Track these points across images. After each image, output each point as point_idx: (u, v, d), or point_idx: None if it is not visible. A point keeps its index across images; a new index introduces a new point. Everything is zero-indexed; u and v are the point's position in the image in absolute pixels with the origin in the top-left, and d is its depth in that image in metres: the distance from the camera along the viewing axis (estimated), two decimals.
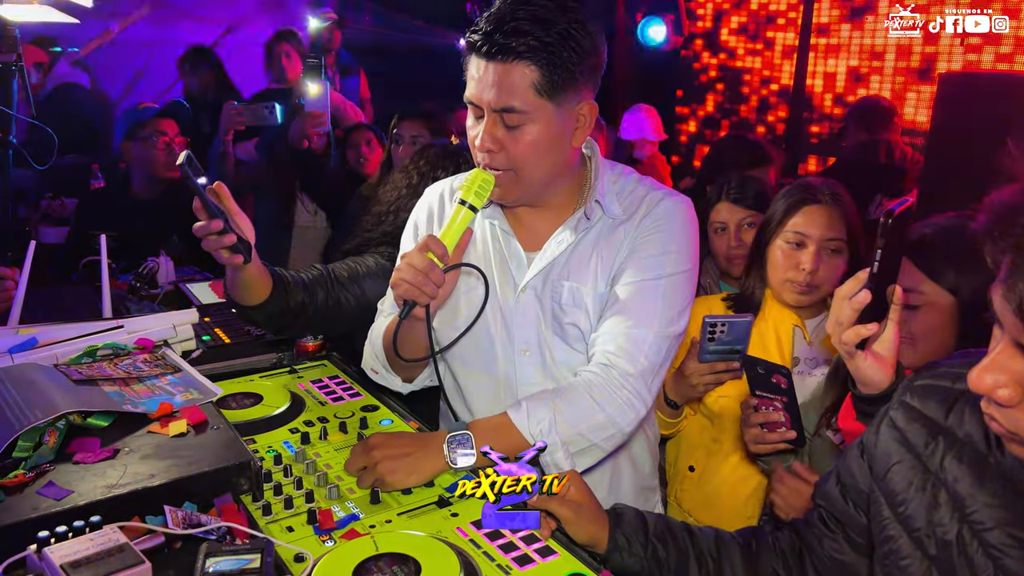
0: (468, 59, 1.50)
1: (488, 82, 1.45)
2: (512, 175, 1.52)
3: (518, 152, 1.49)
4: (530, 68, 1.43)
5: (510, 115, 1.46)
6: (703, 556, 1.32)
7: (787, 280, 1.99)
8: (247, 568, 1.05)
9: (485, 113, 1.49)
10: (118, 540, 1.05)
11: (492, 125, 1.48)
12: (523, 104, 1.45)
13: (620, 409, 1.51)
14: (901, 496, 1.09)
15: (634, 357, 1.52)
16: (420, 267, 1.48)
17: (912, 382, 1.16)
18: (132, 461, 1.28)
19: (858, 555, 1.23)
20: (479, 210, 1.54)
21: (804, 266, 1.95)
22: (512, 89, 1.44)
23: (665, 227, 1.59)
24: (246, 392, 1.76)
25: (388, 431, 1.64)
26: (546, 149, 1.51)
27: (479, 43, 1.44)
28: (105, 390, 1.50)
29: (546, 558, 1.22)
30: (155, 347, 1.76)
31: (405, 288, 1.50)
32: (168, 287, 2.65)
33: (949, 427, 1.07)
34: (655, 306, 1.56)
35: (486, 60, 1.45)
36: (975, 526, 0.99)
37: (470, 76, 1.50)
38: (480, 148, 1.51)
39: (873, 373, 1.31)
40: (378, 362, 1.74)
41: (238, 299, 1.75)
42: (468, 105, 1.52)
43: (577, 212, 1.61)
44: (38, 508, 1.14)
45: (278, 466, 1.47)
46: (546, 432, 1.47)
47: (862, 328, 1.27)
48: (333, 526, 1.28)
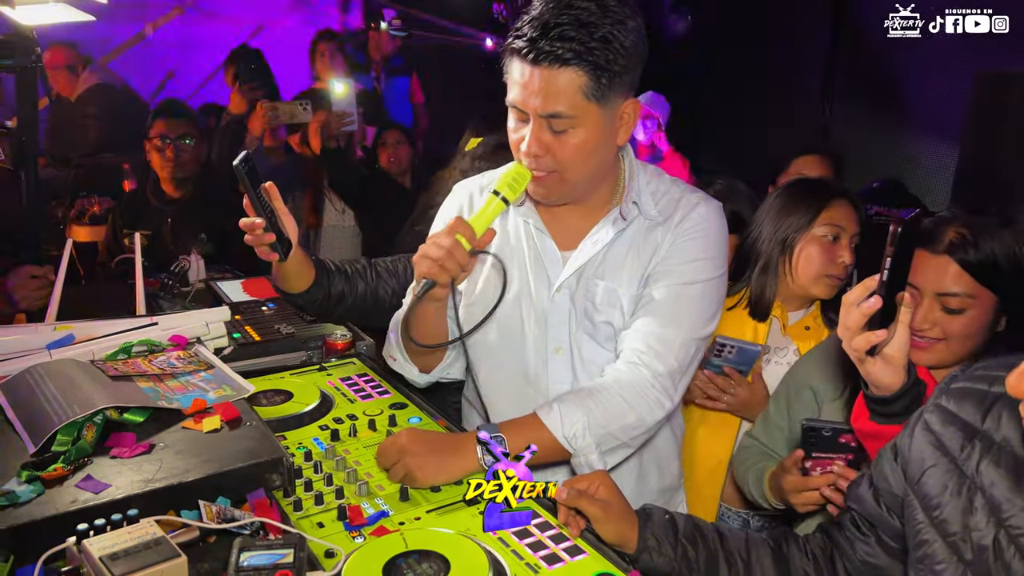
0: (510, 63, 1.49)
1: (534, 88, 1.44)
2: (557, 176, 1.53)
3: (565, 155, 1.49)
4: (577, 73, 1.42)
5: (557, 120, 1.46)
6: (733, 558, 1.31)
7: (825, 275, 2.01)
8: (280, 563, 1.07)
9: (531, 118, 1.48)
10: (155, 534, 1.07)
11: (539, 130, 1.48)
12: (570, 109, 1.45)
13: (650, 408, 1.52)
14: (936, 500, 1.08)
15: (664, 358, 1.54)
16: (445, 245, 1.49)
17: (948, 385, 1.15)
18: (167, 456, 1.30)
19: (891, 559, 1.22)
20: (511, 204, 1.55)
21: (844, 259, 2.00)
22: (559, 95, 1.43)
23: (702, 233, 1.60)
24: (277, 389, 1.78)
25: (417, 428, 1.65)
26: (592, 151, 1.51)
27: (524, 49, 1.43)
28: (140, 386, 1.52)
29: (575, 557, 1.22)
30: (188, 344, 1.78)
31: (427, 266, 1.50)
32: (199, 285, 2.68)
33: (986, 431, 1.06)
34: (688, 309, 1.57)
35: (532, 66, 1.43)
36: (1012, 531, 0.98)
37: (512, 80, 1.49)
38: (527, 153, 1.50)
39: (884, 376, 1.32)
40: (397, 349, 1.77)
41: (281, 287, 1.95)
42: (511, 108, 1.52)
43: (613, 211, 1.62)
44: (77, 501, 1.16)
45: (308, 462, 1.48)
46: (580, 435, 1.48)
47: (871, 335, 1.28)
48: (363, 522, 1.29)
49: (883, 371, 1.32)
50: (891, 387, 1.32)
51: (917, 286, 1.56)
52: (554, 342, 1.66)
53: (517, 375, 1.69)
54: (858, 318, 1.27)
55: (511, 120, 1.54)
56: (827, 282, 2.02)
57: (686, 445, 2.12)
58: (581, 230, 1.64)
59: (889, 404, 1.34)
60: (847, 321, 1.30)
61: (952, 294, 1.54)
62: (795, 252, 2.05)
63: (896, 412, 1.34)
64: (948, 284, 1.54)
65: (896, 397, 1.32)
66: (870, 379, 1.34)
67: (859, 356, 1.31)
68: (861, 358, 1.32)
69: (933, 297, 1.56)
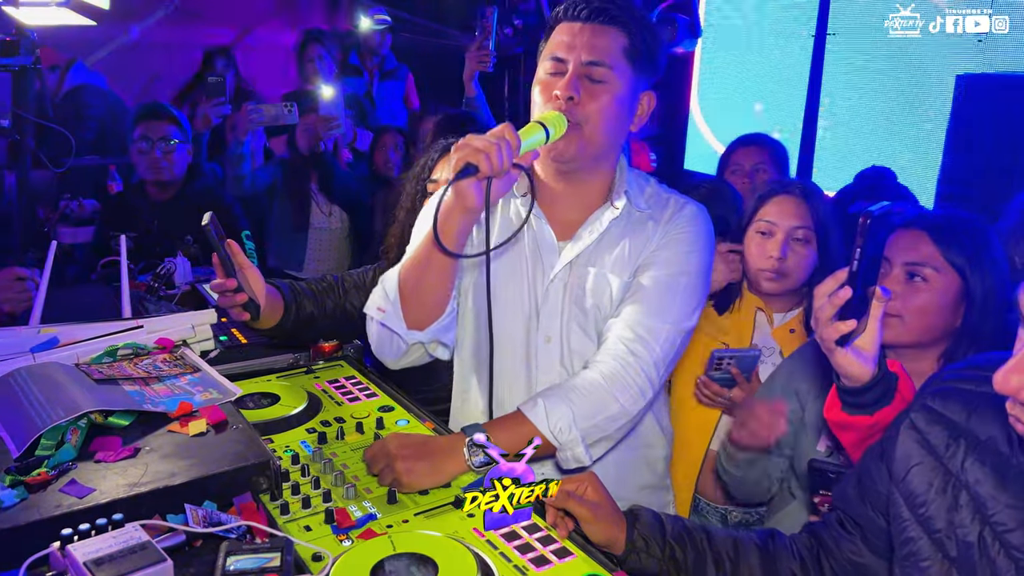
0: (552, 35, 1.62)
1: (582, 39, 1.56)
2: (579, 132, 1.56)
3: (593, 107, 1.56)
4: (622, 34, 1.57)
5: (598, 69, 1.56)
6: (721, 558, 1.32)
7: (759, 269, 2.12)
8: (267, 567, 1.06)
9: (571, 68, 1.56)
10: (140, 538, 1.06)
11: (576, 76, 1.56)
12: (612, 60, 1.57)
13: (633, 398, 1.55)
14: (921, 498, 1.09)
15: (650, 346, 1.57)
16: (498, 132, 1.45)
17: (934, 384, 1.16)
18: (153, 460, 1.29)
19: (876, 557, 1.23)
20: (550, 140, 1.53)
21: (772, 253, 2.09)
22: (605, 47, 1.57)
23: (692, 229, 1.66)
24: (263, 392, 1.77)
25: (404, 431, 1.64)
26: (615, 114, 1.59)
27: (575, 8, 1.58)
28: (126, 389, 1.51)
29: (563, 559, 1.22)
30: (174, 347, 1.77)
31: (469, 151, 1.42)
32: (185, 287, 2.67)
33: (971, 429, 1.07)
34: (675, 300, 1.61)
35: (582, 22, 1.57)
36: (997, 528, 0.99)
37: (555, 41, 1.60)
38: (563, 94, 1.55)
39: (854, 368, 1.34)
40: (387, 299, 1.63)
41: (252, 327, 1.91)
42: (551, 62, 1.60)
43: (606, 203, 1.67)
44: (61, 506, 1.15)
45: (295, 466, 1.48)
46: (565, 428, 1.49)
47: (841, 325, 1.30)
48: (351, 525, 1.28)
49: (853, 363, 1.34)
50: (861, 378, 1.35)
51: (888, 258, 1.62)
52: (544, 331, 1.68)
53: (507, 364, 1.70)
54: (828, 309, 1.30)
55: (544, 77, 1.61)
56: (762, 275, 2.11)
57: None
58: (576, 222, 1.68)
59: (859, 395, 1.36)
60: (818, 312, 1.32)
61: (919, 263, 1.59)
62: (743, 246, 2.17)
63: (866, 403, 1.36)
64: (917, 255, 1.59)
65: (866, 388, 1.35)
66: (841, 370, 1.37)
67: (829, 347, 1.34)
68: (831, 348, 1.34)
69: (901, 267, 1.60)
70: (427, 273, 1.57)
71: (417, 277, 1.58)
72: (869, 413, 1.36)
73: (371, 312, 1.66)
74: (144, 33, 5.71)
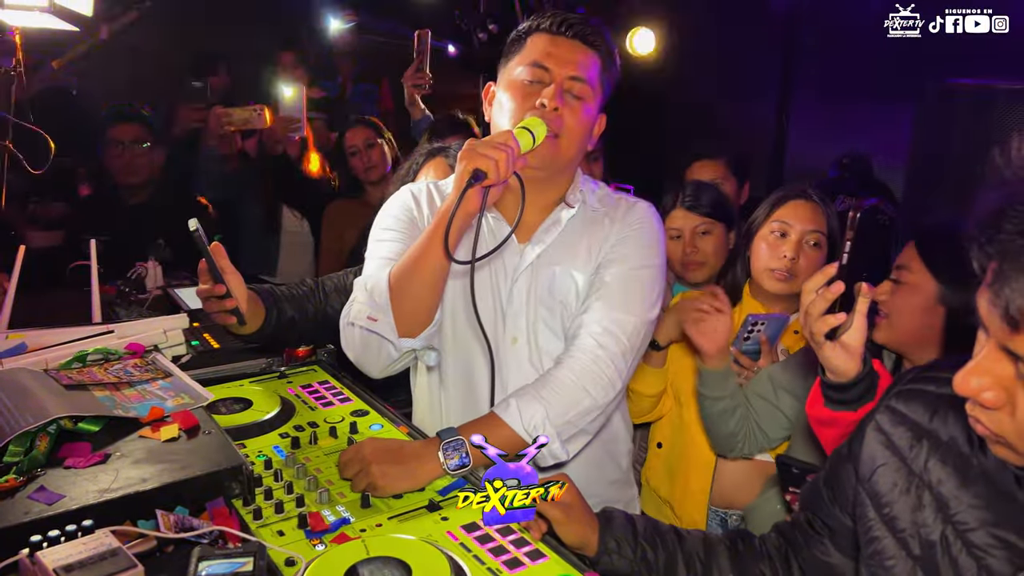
0: (526, 41, 1.65)
1: (568, 55, 1.62)
2: (556, 141, 1.60)
3: (572, 121, 1.61)
4: (595, 58, 1.64)
5: (580, 85, 1.62)
6: (691, 559, 1.33)
7: (769, 268, 2.12)
8: (240, 571, 1.06)
9: (557, 80, 1.60)
10: (110, 544, 1.05)
11: (560, 89, 1.61)
12: (590, 80, 1.63)
13: (604, 390, 1.58)
14: (886, 498, 1.11)
15: (618, 338, 1.60)
16: (503, 144, 1.47)
17: (898, 386, 1.18)
18: (123, 466, 1.28)
19: (844, 557, 1.25)
20: (535, 145, 1.55)
21: (786, 254, 2.09)
22: (586, 65, 1.63)
23: (646, 225, 1.73)
24: (236, 397, 1.76)
25: (378, 436, 1.64)
26: (587, 129, 1.66)
27: (555, 24, 1.63)
28: (96, 395, 1.50)
29: (536, 561, 1.23)
30: (145, 352, 1.76)
31: (479, 158, 1.44)
32: (157, 292, 2.64)
33: (933, 430, 1.09)
34: (638, 293, 1.66)
35: (564, 36, 1.62)
36: (959, 527, 1.01)
37: (535, 49, 1.63)
38: (551, 104, 1.58)
39: (841, 362, 1.37)
40: (377, 308, 1.57)
41: (233, 332, 1.83)
42: (532, 67, 1.62)
43: (561, 204, 1.72)
44: (30, 512, 1.14)
45: (268, 470, 1.47)
46: (539, 426, 1.51)
47: (831, 318, 1.32)
48: (324, 530, 1.28)
49: (840, 357, 1.36)
50: (847, 373, 1.37)
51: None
52: (511, 332, 1.70)
53: (476, 366, 1.71)
54: (821, 304, 1.32)
55: (517, 87, 1.63)
56: (770, 275, 2.13)
57: (677, 445, 2.20)
58: (533, 224, 1.71)
59: (844, 391, 1.38)
60: (809, 307, 1.34)
61: (899, 266, 1.65)
62: (752, 246, 2.18)
63: (850, 399, 1.38)
64: (900, 258, 1.66)
65: (852, 384, 1.37)
66: (828, 364, 1.39)
67: (819, 341, 1.36)
68: (820, 342, 1.36)
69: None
70: (424, 279, 1.55)
71: (413, 284, 1.55)
72: (853, 409, 1.38)
73: (359, 321, 1.58)
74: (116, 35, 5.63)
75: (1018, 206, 0.85)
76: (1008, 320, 0.84)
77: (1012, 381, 0.88)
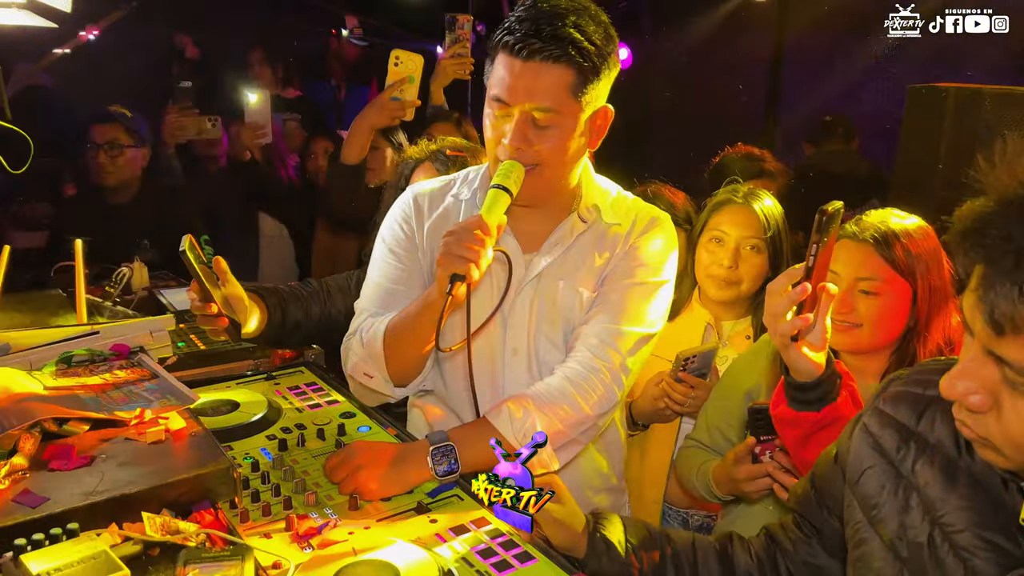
0: (495, 58, 1.51)
1: (524, 82, 1.47)
2: (537, 171, 1.54)
3: (546, 149, 1.52)
4: (565, 70, 1.46)
5: (544, 114, 1.49)
6: (680, 561, 1.34)
7: (709, 276, 2.17)
8: (226, 574, 1.05)
9: (516, 116, 1.50)
10: (96, 547, 1.05)
11: (523, 123, 1.50)
12: (556, 104, 1.48)
13: (599, 403, 1.56)
14: (874, 500, 1.12)
15: (618, 352, 1.59)
16: (477, 239, 1.42)
17: (886, 389, 1.19)
18: (109, 468, 1.27)
19: (831, 559, 1.25)
20: (514, 196, 1.52)
21: (723, 262, 2.14)
22: (547, 89, 1.47)
23: (658, 239, 1.67)
24: (223, 399, 1.75)
25: (367, 438, 1.64)
26: (568, 148, 1.54)
27: (516, 44, 1.46)
28: (81, 396, 1.48)
29: (525, 563, 1.23)
30: (131, 353, 1.74)
31: (456, 262, 1.42)
32: (142, 293, 2.62)
33: (920, 432, 1.10)
34: (641, 307, 1.62)
35: (522, 60, 1.46)
36: (946, 528, 1.02)
37: (498, 76, 1.51)
38: (512, 144, 1.50)
39: (806, 363, 1.37)
40: (372, 364, 1.64)
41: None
42: (494, 102, 1.52)
43: (572, 215, 1.66)
44: (14, 515, 1.12)
45: (256, 473, 1.47)
46: (530, 434, 1.49)
47: (797, 319, 1.32)
48: (312, 533, 1.28)
49: (804, 358, 1.37)
50: (812, 374, 1.37)
51: (837, 272, 1.65)
52: (512, 344, 1.67)
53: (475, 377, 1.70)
54: (787, 304, 1.32)
55: (490, 115, 1.55)
56: (710, 281, 2.17)
57: (630, 449, 2.17)
58: (541, 234, 1.67)
59: (807, 391, 1.39)
60: (774, 308, 1.34)
61: (868, 278, 1.63)
62: (695, 253, 2.23)
63: (812, 400, 1.39)
64: (865, 270, 1.63)
65: (815, 384, 1.38)
66: (792, 365, 1.39)
67: (784, 342, 1.36)
68: (786, 344, 1.36)
69: (853, 282, 1.64)
70: (416, 350, 1.60)
71: (406, 349, 1.60)
72: (816, 409, 1.38)
73: (357, 377, 1.68)
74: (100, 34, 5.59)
75: (1003, 211, 0.86)
76: (993, 324, 0.85)
77: (998, 385, 0.89)
